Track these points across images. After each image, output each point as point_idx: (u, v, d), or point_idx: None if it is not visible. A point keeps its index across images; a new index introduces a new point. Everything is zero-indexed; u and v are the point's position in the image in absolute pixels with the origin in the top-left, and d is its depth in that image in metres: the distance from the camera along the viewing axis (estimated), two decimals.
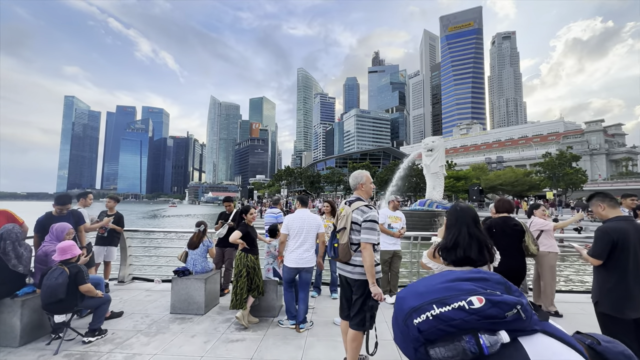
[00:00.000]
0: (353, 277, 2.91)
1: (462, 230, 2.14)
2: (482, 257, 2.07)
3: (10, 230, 3.73)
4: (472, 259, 2.05)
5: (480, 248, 2.09)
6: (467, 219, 2.19)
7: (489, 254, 2.12)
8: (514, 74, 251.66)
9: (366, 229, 2.81)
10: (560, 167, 41.67)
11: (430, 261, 2.29)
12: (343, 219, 2.98)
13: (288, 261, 4.11)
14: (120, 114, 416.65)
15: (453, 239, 2.13)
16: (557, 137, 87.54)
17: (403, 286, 6.05)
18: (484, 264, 2.10)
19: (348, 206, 2.99)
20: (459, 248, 2.09)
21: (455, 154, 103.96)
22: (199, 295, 4.67)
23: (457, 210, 2.29)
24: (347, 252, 2.88)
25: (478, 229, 2.17)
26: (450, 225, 2.23)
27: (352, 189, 3.19)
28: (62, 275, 3.49)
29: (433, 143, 29.42)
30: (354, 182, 3.15)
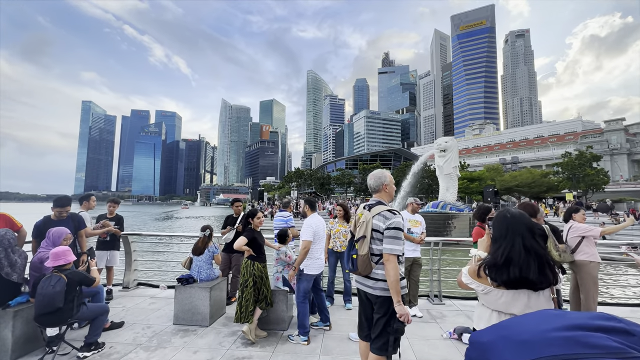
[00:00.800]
0: (374, 293, 2.51)
1: (515, 242, 1.70)
2: (543, 278, 1.63)
3: (2, 237, 3.49)
4: (531, 280, 1.63)
5: (541, 266, 1.65)
6: (521, 228, 1.74)
7: (552, 274, 1.66)
8: (528, 73, 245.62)
9: (390, 238, 2.43)
10: (580, 168, 39.99)
11: (474, 281, 1.84)
12: (362, 226, 2.58)
13: (313, 268, 3.99)
14: (135, 117, 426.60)
15: (504, 255, 1.70)
16: (575, 136, 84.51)
17: (424, 296, 5.60)
18: (547, 287, 1.66)
19: (367, 211, 2.61)
20: (512, 266, 1.66)
21: (467, 155, 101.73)
22: (203, 305, 4.36)
23: (508, 218, 1.82)
24: (368, 265, 2.49)
25: (536, 241, 1.72)
26: (499, 236, 1.78)
27: (373, 191, 2.78)
28: (59, 282, 3.22)
29: (446, 144, 28.69)
30: (376, 183, 2.75)
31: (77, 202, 5.89)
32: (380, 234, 2.49)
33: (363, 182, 71.06)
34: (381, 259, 2.47)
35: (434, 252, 5.76)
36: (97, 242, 5.76)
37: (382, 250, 2.45)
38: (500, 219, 1.84)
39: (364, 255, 2.50)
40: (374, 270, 2.52)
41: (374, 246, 2.52)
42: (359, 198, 65.46)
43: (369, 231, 2.51)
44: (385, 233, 2.46)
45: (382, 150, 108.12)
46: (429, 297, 5.58)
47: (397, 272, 2.38)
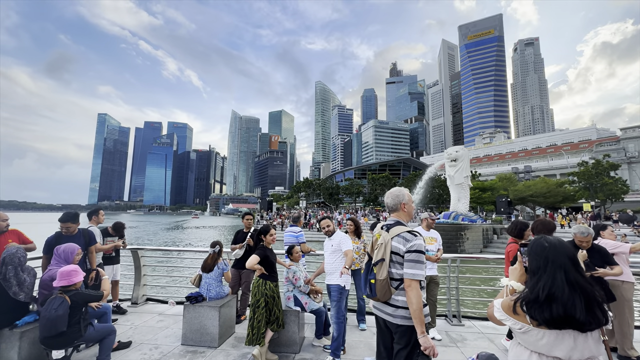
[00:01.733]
0: (395, 322, 2.31)
1: (557, 276, 1.49)
2: (592, 318, 1.40)
3: (13, 255, 3.45)
4: (578, 320, 1.40)
5: (589, 304, 1.43)
6: (562, 259, 1.52)
7: (602, 313, 1.42)
8: (539, 81, 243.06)
9: (411, 262, 2.24)
10: (597, 177, 38.75)
11: (510, 317, 1.60)
12: (381, 249, 2.41)
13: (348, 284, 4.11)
14: (148, 129, 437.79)
15: (546, 290, 1.48)
16: (589, 144, 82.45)
17: (442, 316, 5.33)
18: (596, 328, 1.42)
19: (386, 232, 2.43)
20: (555, 303, 1.44)
21: (478, 164, 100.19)
22: (212, 325, 4.21)
23: (546, 248, 1.57)
24: (387, 290, 2.32)
25: (580, 274, 1.50)
26: (537, 268, 1.56)
27: (390, 210, 2.61)
28: (62, 305, 3.12)
29: (457, 153, 28.29)
30: (394, 202, 2.58)
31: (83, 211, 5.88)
32: (400, 257, 2.31)
33: (372, 192, 70.55)
34: (401, 284, 2.29)
35: (451, 269, 5.50)
36: (102, 257, 5.72)
37: (403, 275, 2.27)
38: (538, 249, 1.60)
39: (382, 280, 2.32)
40: (394, 296, 2.33)
41: (393, 270, 2.34)
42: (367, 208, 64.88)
43: (388, 254, 2.35)
44: (406, 257, 2.28)
45: (391, 160, 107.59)
46: (447, 318, 5.30)
47: (420, 299, 2.18)
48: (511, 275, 1.84)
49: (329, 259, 4.20)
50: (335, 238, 4.24)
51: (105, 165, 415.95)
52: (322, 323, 4.25)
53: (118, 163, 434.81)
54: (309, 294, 4.36)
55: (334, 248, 4.17)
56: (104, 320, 3.92)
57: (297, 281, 4.27)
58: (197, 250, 6.70)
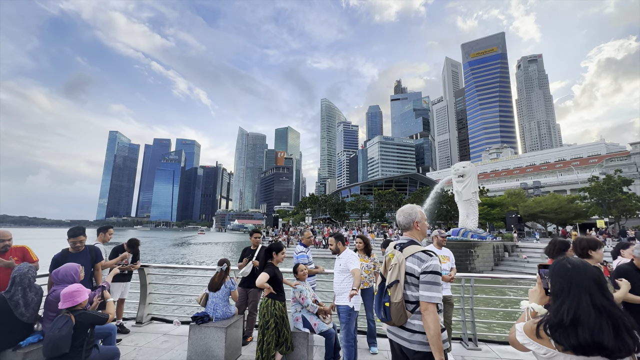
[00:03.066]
0: (411, 348, 2.16)
1: (582, 300, 1.41)
2: (622, 345, 1.30)
3: (24, 275, 3.41)
4: (607, 346, 1.31)
5: (617, 329, 1.33)
6: (587, 282, 1.43)
7: (632, 339, 1.32)
8: (544, 97, 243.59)
9: (427, 284, 2.11)
10: (609, 193, 37.90)
11: (533, 342, 1.51)
12: (395, 270, 2.27)
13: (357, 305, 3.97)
14: (157, 146, 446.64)
15: (570, 314, 1.39)
16: (599, 159, 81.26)
17: (456, 339, 5.09)
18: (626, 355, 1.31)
19: (399, 252, 2.31)
20: (581, 328, 1.36)
21: (486, 180, 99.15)
22: (218, 347, 4.06)
23: (570, 270, 1.50)
24: (402, 314, 2.17)
25: (607, 298, 1.40)
26: (560, 290, 1.49)
27: (403, 229, 2.49)
28: (66, 325, 3.04)
29: (464, 169, 28.07)
30: (406, 220, 2.46)
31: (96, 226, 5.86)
32: (415, 279, 2.18)
33: (378, 208, 69.97)
34: (417, 307, 2.15)
35: (465, 289, 5.29)
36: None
37: (419, 298, 2.13)
38: (561, 270, 1.53)
39: (397, 303, 2.18)
40: (410, 320, 2.18)
41: (408, 292, 2.20)
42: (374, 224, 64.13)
43: (402, 275, 2.21)
44: (422, 278, 2.14)
45: (397, 176, 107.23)
46: (462, 341, 5.06)
47: (438, 324, 2.04)
48: (531, 298, 1.74)
49: (337, 279, 4.08)
50: (342, 257, 4.13)
51: (114, 182, 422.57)
52: (332, 346, 4.08)
53: (127, 179, 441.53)
54: (318, 314, 4.22)
55: (341, 268, 4.05)
56: (108, 341, 3.82)
57: (304, 300, 4.14)
58: (204, 268, 6.61)
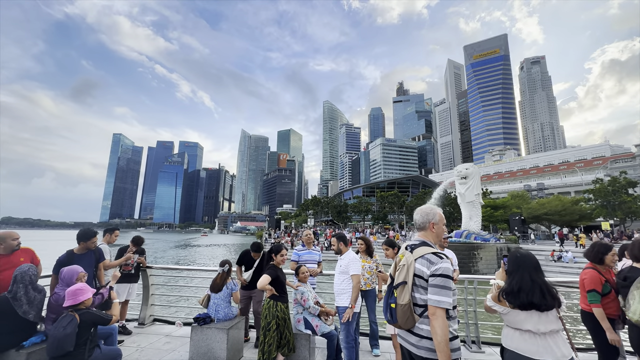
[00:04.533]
0: (419, 354, 2.09)
1: (524, 276, 2.30)
2: (545, 301, 2.20)
3: (25, 273, 3.44)
4: (536, 303, 2.20)
5: (542, 293, 2.23)
6: (528, 265, 2.34)
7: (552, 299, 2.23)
8: (547, 98, 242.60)
9: (436, 287, 2.02)
10: (614, 195, 37.56)
11: (496, 304, 2.41)
12: (403, 271, 2.20)
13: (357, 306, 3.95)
14: (160, 148, 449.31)
15: (517, 285, 2.28)
16: (603, 161, 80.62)
17: (460, 341, 5.04)
18: (551, 308, 2.22)
19: (410, 252, 2.24)
20: (522, 293, 2.24)
21: (489, 181, 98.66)
22: (220, 348, 4.06)
23: (518, 257, 2.41)
24: (409, 317, 2.10)
25: (538, 275, 2.32)
26: (512, 271, 2.39)
27: (418, 228, 2.39)
28: (70, 324, 3.06)
29: (467, 170, 27.95)
30: (423, 220, 2.36)
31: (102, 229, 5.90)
32: (424, 281, 2.09)
33: (381, 210, 69.80)
34: (426, 311, 2.07)
35: (468, 291, 5.26)
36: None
37: (427, 302, 2.05)
38: (512, 258, 2.43)
39: (404, 305, 2.11)
40: (418, 324, 2.10)
41: (416, 295, 2.12)
42: (376, 226, 63.95)
43: (411, 277, 2.13)
44: (431, 281, 2.05)
45: (400, 178, 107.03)
46: (465, 344, 5.02)
47: (446, 329, 1.95)
48: (497, 277, 2.58)
49: (338, 280, 4.05)
50: (344, 258, 4.07)
51: (117, 184, 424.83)
52: (334, 348, 4.05)
53: (130, 181, 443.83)
54: (320, 315, 4.20)
55: (342, 269, 4.01)
56: (109, 341, 3.83)
57: (306, 302, 4.13)
58: (206, 270, 6.62)
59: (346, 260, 4.02)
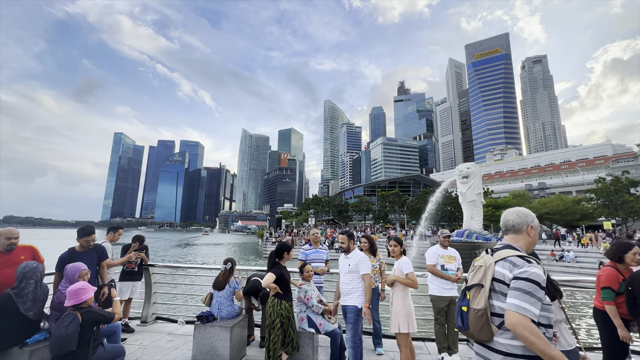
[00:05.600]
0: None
1: None
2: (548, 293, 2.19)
3: (34, 269, 3.42)
4: None
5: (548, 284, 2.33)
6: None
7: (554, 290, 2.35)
8: (549, 97, 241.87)
9: (518, 291, 1.68)
10: (616, 194, 37.44)
11: None
12: (479, 272, 1.91)
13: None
14: (161, 147, 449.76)
15: None
16: (605, 161, 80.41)
17: (464, 340, 5.03)
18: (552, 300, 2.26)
19: (490, 255, 1.95)
20: None
21: (490, 181, 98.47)
22: (223, 347, 4.05)
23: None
24: (484, 326, 1.79)
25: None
26: None
27: (510, 230, 2.02)
28: (73, 323, 3.05)
29: (468, 170, 27.88)
30: (519, 221, 1.99)
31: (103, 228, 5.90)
32: (506, 286, 1.78)
33: (382, 209, 69.73)
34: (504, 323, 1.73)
35: None
36: (121, 273, 5.69)
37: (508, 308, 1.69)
38: None
39: (479, 310, 1.80)
40: (497, 337, 1.77)
41: (495, 302, 1.81)
42: (377, 225, 63.91)
43: (489, 280, 1.84)
44: (513, 284, 1.73)
45: (401, 177, 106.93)
46: (468, 342, 4.99)
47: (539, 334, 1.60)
48: None
49: (345, 279, 3.96)
50: (353, 257, 3.95)
51: (119, 183, 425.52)
52: (337, 346, 4.03)
53: (131, 180, 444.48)
54: (323, 314, 4.19)
55: (350, 268, 3.90)
56: (113, 339, 3.82)
57: (309, 301, 4.11)
58: (209, 268, 6.62)
59: (355, 259, 3.92)
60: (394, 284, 3.92)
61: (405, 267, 3.92)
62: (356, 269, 3.85)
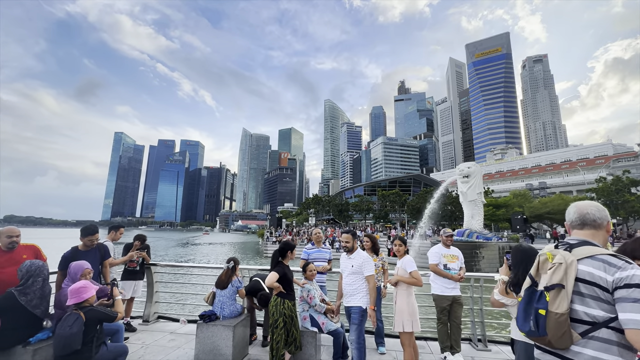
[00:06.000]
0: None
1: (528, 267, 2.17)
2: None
3: (41, 267, 3.43)
4: None
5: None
6: (531, 258, 2.36)
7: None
8: (549, 97, 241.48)
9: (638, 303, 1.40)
10: (617, 194, 37.42)
11: (503, 297, 2.51)
12: (558, 271, 1.65)
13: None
14: (161, 147, 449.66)
15: (523, 276, 2.28)
16: (606, 160, 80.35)
17: (466, 339, 5.03)
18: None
19: (568, 252, 1.69)
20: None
21: (490, 180, 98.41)
22: (226, 345, 4.04)
23: (521, 251, 2.56)
24: (566, 333, 1.56)
25: None
26: (516, 263, 2.51)
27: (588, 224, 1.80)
28: (77, 322, 3.04)
29: (469, 169, 27.86)
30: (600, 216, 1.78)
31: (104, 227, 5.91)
32: (600, 290, 1.53)
33: (382, 208, 69.72)
34: (591, 331, 1.53)
35: (474, 289, 5.23)
36: (123, 272, 5.69)
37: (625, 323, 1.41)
38: (516, 252, 2.57)
39: (560, 315, 1.56)
40: (575, 346, 1.56)
41: (579, 307, 1.58)
42: (378, 225, 63.90)
43: (571, 281, 1.60)
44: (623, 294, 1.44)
45: (401, 176, 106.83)
46: (471, 342, 4.99)
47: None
48: (501, 272, 2.76)
49: (349, 280, 3.91)
50: (356, 258, 3.87)
51: (119, 182, 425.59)
52: (340, 345, 4.03)
53: (132, 180, 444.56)
54: (325, 313, 4.18)
55: (354, 269, 3.83)
56: (115, 338, 3.82)
57: (312, 300, 4.10)
58: (211, 267, 6.62)
59: (359, 259, 3.84)
60: (397, 283, 3.92)
61: (408, 266, 3.92)
62: (360, 270, 3.80)
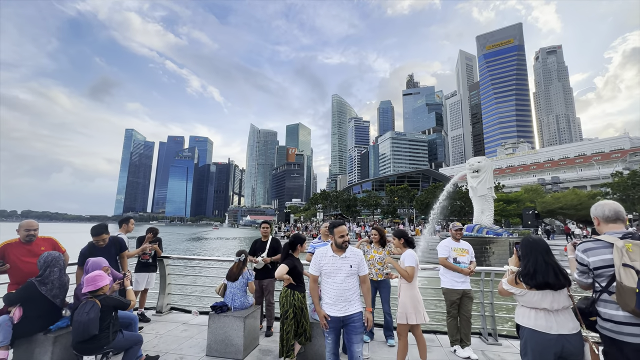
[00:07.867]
0: None
1: (537, 258, 2.44)
2: (557, 281, 2.37)
3: (57, 257, 3.57)
4: (551, 283, 2.36)
5: (555, 273, 2.39)
6: (540, 249, 2.49)
7: (564, 278, 2.40)
8: (563, 89, 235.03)
9: None
10: (634, 188, 36.34)
11: (512, 287, 2.54)
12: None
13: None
14: (171, 143, 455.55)
15: (533, 267, 2.42)
16: (622, 154, 77.79)
17: (476, 333, 5.01)
18: (562, 287, 2.39)
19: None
20: (538, 274, 2.39)
21: (501, 175, 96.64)
22: (237, 336, 4.13)
23: (530, 242, 2.57)
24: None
25: (550, 257, 2.48)
26: (526, 254, 2.53)
27: (615, 220, 2.28)
28: (93, 309, 3.16)
29: (479, 164, 27.40)
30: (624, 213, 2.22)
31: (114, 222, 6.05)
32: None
33: (390, 203, 69.38)
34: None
35: (485, 283, 5.18)
36: (137, 265, 5.83)
37: None
38: (525, 243, 2.59)
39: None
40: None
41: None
42: (386, 220, 63.68)
43: None
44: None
45: (410, 172, 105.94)
46: (481, 336, 4.97)
47: None
48: (510, 263, 2.75)
49: (346, 284, 3.19)
50: (352, 257, 3.27)
51: (130, 178, 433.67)
52: None
53: (142, 176, 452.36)
54: None
55: (352, 270, 3.21)
56: (131, 329, 3.93)
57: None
58: (222, 260, 6.72)
59: (356, 259, 3.28)
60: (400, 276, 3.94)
61: (407, 260, 3.93)
62: (358, 270, 3.29)
